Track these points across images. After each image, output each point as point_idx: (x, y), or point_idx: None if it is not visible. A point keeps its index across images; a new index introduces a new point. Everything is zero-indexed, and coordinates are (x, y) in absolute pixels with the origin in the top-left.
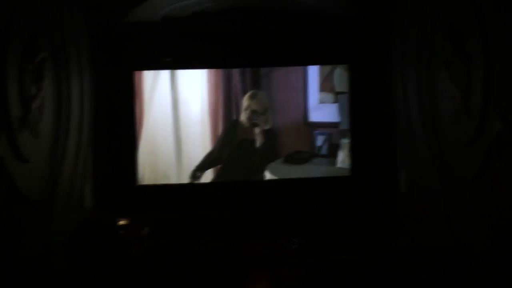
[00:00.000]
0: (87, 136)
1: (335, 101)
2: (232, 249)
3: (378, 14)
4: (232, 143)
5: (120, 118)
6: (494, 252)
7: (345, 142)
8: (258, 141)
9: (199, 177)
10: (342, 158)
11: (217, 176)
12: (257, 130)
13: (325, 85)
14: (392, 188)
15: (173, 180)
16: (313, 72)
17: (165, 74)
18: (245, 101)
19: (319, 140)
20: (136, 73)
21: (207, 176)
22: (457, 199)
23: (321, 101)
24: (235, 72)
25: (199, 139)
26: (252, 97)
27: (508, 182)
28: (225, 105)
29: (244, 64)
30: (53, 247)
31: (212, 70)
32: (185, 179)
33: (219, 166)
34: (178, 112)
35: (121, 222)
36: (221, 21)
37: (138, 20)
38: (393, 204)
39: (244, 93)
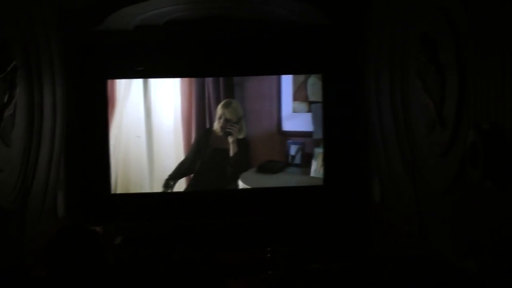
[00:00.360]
0: (60, 144)
1: (309, 111)
2: (205, 258)
3: (351, 24)
4: (205, 152)
5: (92, 127)
6: (468, 262)
7: (319, 151)
8: (231, 150)
9: (172, 186)
10: (316, 168)
11: (190, 185)
12: (230, 139)
13: (299, 95)
14: (365, 197)
15: (146, 189)
16: (287, 81)
17: (137, 82)
18: (218, 110)
19: (293, 150)
20: (109, 81)
21: (180, 185)
22: (431, 209)
23: (295, 110)
24: (209, 81)
25: (172, 148)
26: (226, 106)
27: (481, 192)
28: (198, 114)
29: (217, 73)
30: (25, 255)
31: (185, 79)
32: (157, 188)
33: (192, 175)
34: (151, 120)
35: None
36: (195, 30)
37: (111, 29)
38: (366, 213)
39: (218, 102)
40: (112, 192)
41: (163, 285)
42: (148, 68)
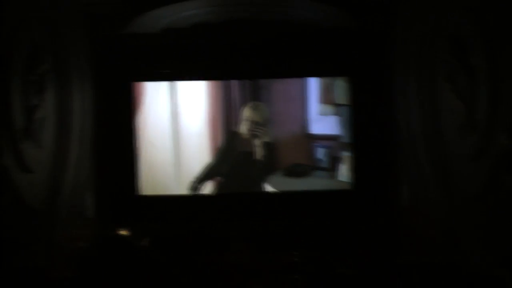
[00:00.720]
0: (89, 146)
1: (336, 113)
2: (232, 261)
3: (378, 26)
4: (231, 155)
5: (120, 129)
6: (502, 271)
7: (346, 155)
8: (258, 153)
9: (198, 189)
10: (343, 171)
11: (216, 188)
12: (257, 142)
13: (326, 97)
14: (394, 202)
15: (172, 191)
16: (314, 84)
17: (164, 85)
18: (245, 112)
19: (320, 153)
20: (136, 84)
21: (207, 188)
22: (462, 214)
23: (322, 113)
24: (235, 84)
25: (198, 151)
26: (253, 108)
27: None
28: (224, 116)
29: (243, 75)
30: (55, 255)
31: (211, 82)
32: (184, 190)
33: (218, 178)
34: (177, 123)
35: (121, 233)
36: (221, 32)
37: (139, 32)
38: (394, 219)
39: (244, 104)
40: (140, 193)
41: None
42: (175, 71)
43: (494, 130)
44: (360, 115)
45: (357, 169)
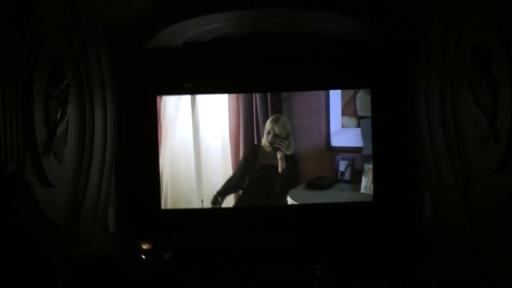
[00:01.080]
0: (110, 160)
1: (358, 126)
2: (254, 275)
3: (401, 38)
4: (253, 168)
5: (142, 143)
6: None
7: (369, 167)
8: (280, 166)
9: (220, 202)
10: (366, 184)
11: (238, 201)
12: (279, 155)
13: (348, 109)
14: (417, 213)
15: (194, 205)
16: (335, 96)
17: (185, 99)
18: (267, 125)
19: (342, 165)
20: (158, 98)
21: (229, 202)
22: (484, 226)
23: (344, 126)
24: (256, 97)
25: (220, 164)
26: (275, 121)
27: None
28: (246, 129)
29: (265, 88)
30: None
31: (233, 95)
32: (206, 204)
33: (240, 191)
34: (199, 136)
35: (144, 246)
36: (242, 46)
37: (160, 46)
38: (417, 230)
39: (265, 117)
40: (162, 207)
41: None
42: (197, 84)
43: None
44: (382, 126)
45: (379, 180)
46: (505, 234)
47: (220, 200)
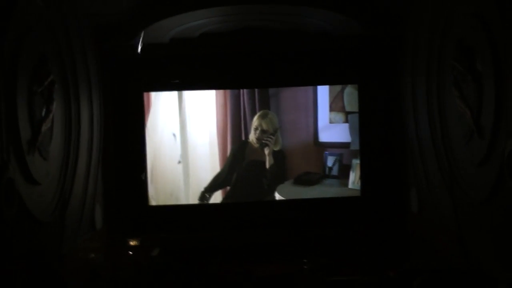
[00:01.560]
0: (97, 157)
1: (346, 121)
2: (242, 270)
3: (387, 34)
4: (241, 164)
5: (129, 139)
6: (508, 277)
7: (357, 162)
8: (268, 162)
9: (207, 199)
10: (354, 179)
11: (226, 197)
12: (266, 151)
13: (336, 105)
14: (403, 208)
15: (182, 201)
16: (323, 92)
17: (172, 95)
18: (255, 121)
19: (330, 161)
20: (145, 94)
21: (216, 198)
22: (469, 219)
23: (331, 121)
24: (244, 92)
25: (207, 160)
26: (262, 117)
27: None
28: (233, 125)
29: (253, 84)
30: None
31: (220, 91)
32: (193, 200)
33: (228, 187)
34: (186, 133)
35: (131, 243)
36: (230, 42)
37: (147, 42)
38: (404, 224)
39: (253, 113)
40: (149, 204)
41: None
42: (184, 80)
43: (499, 135)
44: (369, 122)
45: (366, 175)
46: (490, 228)
47: (208, 196)
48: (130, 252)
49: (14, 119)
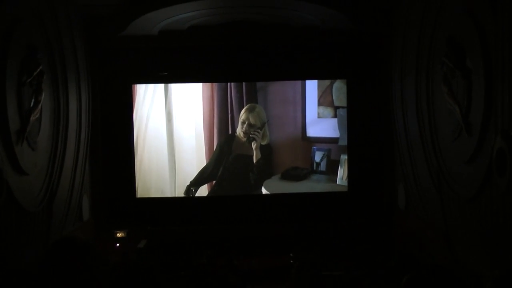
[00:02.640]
0: (85, 148)
1: (334, 116)
2: (228, 263)
3: (377, 29)
4: (227, 158)
5: (117, 131)
6: (496, 274)
7: (345, 158)
8: (255, 157)
9: (193, 193)
10: (342, 175)
11: (211, 192)
12: (254, 145)
13: (324, 99)
14: (390, 204)
15: (167, 194)
16: (312, 86)
17: (158, 87)
18: (242, 115)
19: (318, 156)
20: (133, 86)
21: (202, 192)
22: (456, 217)
23: (320, 116)
24: (231, 85)
25: (193, 154)
26: (250, 110)
27: (509, 200)
28: (220, 119)
29: (241, 78)
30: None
31: (207, 84)
32: (179, 194)
33: (214, 181)
34: (172, 125)
35: (118, 235)
36: (218, 34)
37: (136, 34)
38: (390, 220)
39: (240, 107)
40: (136, 196)
41: None
42: (172, 73)
43: (487, 132)
44: (357, 117)
45: (353, 171)
46: (477, 225)
47: (193, 190)
48: (117, 244)
49: (3, 109)
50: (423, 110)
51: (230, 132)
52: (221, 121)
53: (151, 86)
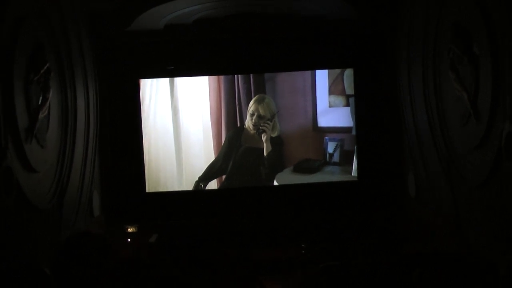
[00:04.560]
0: (94, 144)
1: (346, 105)
2: (240, 255)
3: (383, 17)
4: (237, 151)
5: (125, 126)
6: (507, 259)
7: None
8: (265, 150)
9: (202, 189)
10: (356, 165)
11: (221, 187)
12: (264, 137)
13: (335, 88)
14: (401, 192)
15: (175, 189)
16: (322, 74)
17: (164, 81)
18: (251, 106)
19: (330, 147)
20: (140, 81)
21: (211, 188)
22: (467, 203)
23: (331, 105)
24: (238, 76)
25: (201, 148)
26: (259, 102)
27: None
28: (228, 111)
29: (248, 70)
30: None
31: (214, 76)
32: (187, 189)
33: (223, 176)
34: (178, 119)
35: (129, 230)
36: (224, 27)
37: (142, 29)
38: (401, 208)
39: (248, 97)
40: (146, 191)
41: (198, 282)
42: (178, 67)
43: (496, 118)
44: (365, 106)
45: (363, 159)
46: (487, 211)
47: (202, 186)
48: (128, 239)
49: (12, 107)
50: (431, 97)
51: (238, 125)
52: (229, 113)
53: (155, 80)
